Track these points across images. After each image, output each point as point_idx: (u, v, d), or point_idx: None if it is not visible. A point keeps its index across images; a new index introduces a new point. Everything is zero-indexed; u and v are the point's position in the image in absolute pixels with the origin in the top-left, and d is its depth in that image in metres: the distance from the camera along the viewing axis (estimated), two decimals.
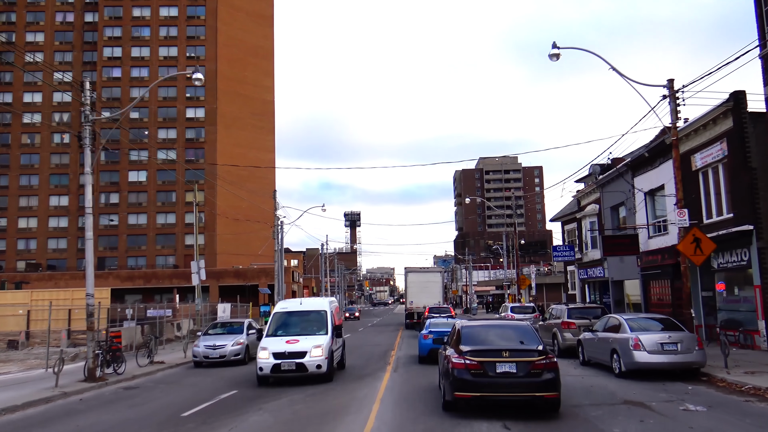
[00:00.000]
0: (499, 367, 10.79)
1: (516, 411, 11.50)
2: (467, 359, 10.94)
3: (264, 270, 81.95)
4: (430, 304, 42.57)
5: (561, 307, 22.98)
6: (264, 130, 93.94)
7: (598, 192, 34.99)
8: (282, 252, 44.35)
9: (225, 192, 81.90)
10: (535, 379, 10.72)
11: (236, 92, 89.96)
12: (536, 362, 10.80)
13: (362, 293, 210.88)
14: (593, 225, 35.97)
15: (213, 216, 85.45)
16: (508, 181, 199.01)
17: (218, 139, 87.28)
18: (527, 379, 10.73)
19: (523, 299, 44.16)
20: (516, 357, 10.89)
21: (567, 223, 44.64)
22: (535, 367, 10.77)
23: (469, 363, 10.87)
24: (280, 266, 43.54)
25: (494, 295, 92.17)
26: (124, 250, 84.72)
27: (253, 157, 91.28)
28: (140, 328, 32.49)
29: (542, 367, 10.79)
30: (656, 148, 26.13)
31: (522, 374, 10.75)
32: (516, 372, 10.77)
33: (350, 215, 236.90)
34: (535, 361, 10.81)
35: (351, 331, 45.14)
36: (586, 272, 37.20)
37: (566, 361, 19.78)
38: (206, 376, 19.41)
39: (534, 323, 33.55)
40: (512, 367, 10.79)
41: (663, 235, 26.70)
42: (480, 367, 10.82)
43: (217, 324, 23.82)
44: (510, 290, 68.59)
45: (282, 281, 43.61)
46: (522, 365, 10.78)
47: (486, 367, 10.81)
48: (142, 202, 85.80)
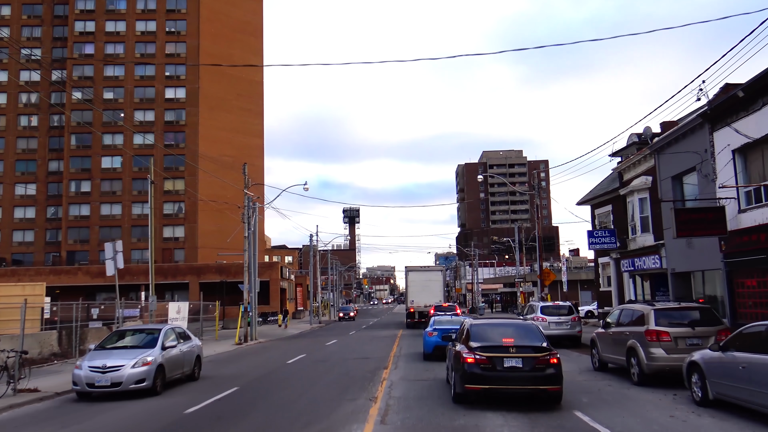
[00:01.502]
0: (507, 362, 11.32)
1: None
2: (477, 354, 11.46)
3: None
4: (431, 303, 42.09)
5: (638, 308, 15.22)
6: (252, 113, 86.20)
7: (652, 159, 27.28)
8: (255, 239, 36.71)
9: (208, 180, 74.37)
10: (539, 374, 11.24)
11: (220, 71, 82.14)
12: (540, 358, 11.32)
13: (361, 292, 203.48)
14: (643, 203, 28.26)
15: (194, 206, 77.83)
16: (513, 175, 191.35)
17: (201, 121, 79.59)
18: (532, 373, 11.24)
19: (549, 297, 36.50)
20: (522, 353, 11.41)
21: (599, 205, 36.95)
22: (540, 363, 11.29)
23: (479, 358, 11.41)
24: (251, 256, 35.89)
25: (503, 294, 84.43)
26: (96, 243, 76.96)
27: (240, 142, 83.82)
28: (57, 334, 24.96)
29: (546, 362, 11.32)
30: (760, 83, 18.40)
31: (527, 369, 11.27)
32: (522, 366, 11.29)
33: (349, 211, 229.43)
34: (540, 357, 11.32)
35: (339, 336, 37.58)
36: (632, 263, 29.47)
37: (657, 393, 12.32)
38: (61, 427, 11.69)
39: (573, 328, 25.92)
40: (518, 362, 11.31)
41: (764, 206, 19.00)
42: (489, 362, 11.34)
43: (124, 332, 16.10)
44: (523, 287, 60.93)
45: (254, 275, 35.98)
46: (527, 360, 11.31)
47: (494, 361, 11.33)
48: (117, 190, 78.14)
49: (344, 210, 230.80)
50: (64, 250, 76.64)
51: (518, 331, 12.45)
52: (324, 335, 39.95)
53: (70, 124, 76.99)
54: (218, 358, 24.30)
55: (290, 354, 24.49)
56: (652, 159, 27.27)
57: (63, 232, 76.98)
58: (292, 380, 16.38)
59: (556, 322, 25.16)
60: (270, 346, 30.80)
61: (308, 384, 15.56)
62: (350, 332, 42.89)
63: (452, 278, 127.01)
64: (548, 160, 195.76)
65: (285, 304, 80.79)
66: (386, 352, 24.75)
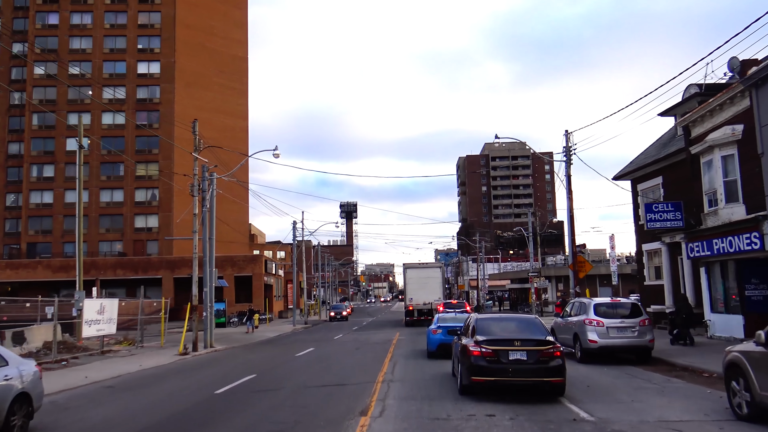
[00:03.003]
0: (512, 355, 11.51)
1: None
2: (483, 347, 11.64)
3: (230, 259, 66.68)
4: (430, 300, 41.61)
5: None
6: (235, 91, 78.38)
7: (745, 99, 19.59)
8: (211, 220, 29.02)
9: (186, 164, 66.60)
10: (543, 366, 11.43)
11: (200, 44, 74.39)
12: (544, 351, 11.52)
13: (358, 289, 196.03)
14: (728, 162, 20.56)
15: (169, 192, 70.14)
16: (517, 168, 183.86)
17: (176, 99, 71.80)
18: (536, 365, 11.43)
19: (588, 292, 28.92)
20: (526, 346, 11.60)
21: (644, 178, 29.38)
22: (544, 355, 11.48)
23: (485, 351, 11.58)
24: (206, 241, 28.19)
25: (511, 290, 76.71)
26: (59, 234, 69.28)
27: (221, 123, 76.03)
28: None
29: (549, 355, 11.49)
30: None
31: (532, 361, 11.46)
32: (526, 359, 11.48)
33: (346, 206, 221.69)
34: (544, 350, 11.53)
35: (320, 342, 30.02)
36: (708, 245, 21.77)
37: None
38: None
39: (642, 335, 18.08)
40: (523, 354, 11.50)
41: None
42: (494, 355, 11.53)
43: None
44: (538, 283, 53.29)
45: (211, 266, 28.31)
46: (532, 353, 11.50)
47: (500, 354, 11.53)
48: (84, 176, 70.17)
49: (341, 204, 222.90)
50: (24, 241, 68.84)
51: (522, 325, 12.72)
52: (302, 340, 32.33)
53: (31, 102, 69.16)
54: (124, 381, 16.62)
55: (233, 375, 16.81)
56: (746, 98, 19.57)
57: (23, 221, 69.19)
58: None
59: (617, 327, 17.46)
60: (219, 359, 23.15)
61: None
62: (336, 335, 35.24)
63: (453, 275, 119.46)
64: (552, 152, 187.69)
65: (271, 302, 73.15)
66: (374, 370, 17.06)
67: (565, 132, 28.93)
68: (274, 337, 35.99)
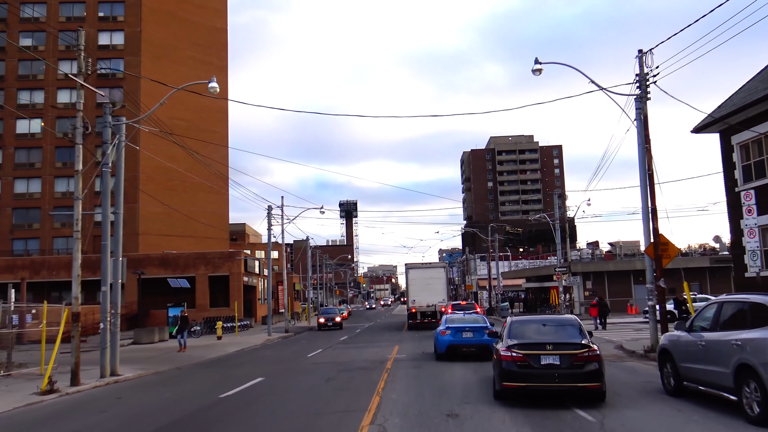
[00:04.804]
0: (544, 360, 11.04)
1: None
2: (514, 352, 11.23)
3: (204, 256, 57.33)
4: (434, 302, 40.61)
5: None
6: (212, 66, 68.92)
7: None
8: (118, 186, 19.92)
9: (153, 149, 57.38)
10: (578, 371, 10.90)
11: (170, 12, 65.21)
12: (579, 355, 11.00)
13: (359, 291, 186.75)
14: None
15: (134, 181, 60.88)
16: (524, 162, 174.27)
17: (143, 74, 62.56)
18: (571, 370, 10.92)
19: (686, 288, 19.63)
20: (559, 350, 11.09)
21: (743, 126, 20.07)
22: (578, 360, 10.96)
23: (516, 355, 11.18)
24: (106, 218, 19.02)
25: (528, 290, 67.31)
26: (8, 229, 60.09)
27: (196, 102, 66.63)
28: None
29: (585, 359, 10.96)
30: None
31: (565, 366, 10.95)
32: (560, 364, 10.98)
33: (346, 204, 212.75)
34: (578, 354, 11.00)
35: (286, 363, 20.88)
36: None
37: None
38: None
39: None
40: (556, 359, 11.03)
41: None
42: (526, 360, 11.09)
43: None
44: (567, 281, 43.97)
45: (117, 253, 19.21)
46: (565, 357, 10.99)
47: (531, 359, 11.07)
48: (35, 162, 61.13)
49: (341, 203, 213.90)
50: None
51: (558, 328, 12.13)
52: (258, 361, 23.07)
53: None
54: None
55: None
56: None
57: None
58: None
59: None
60: (97, 401, 13.98)
61: None
62: (313, 351, 25.91)
63: (459, 275, 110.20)
64: (561, 146, 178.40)
65: (254, 305, 63.78)
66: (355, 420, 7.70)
67: (639, 53, 19.58)
68: (224, 355, 26.47)
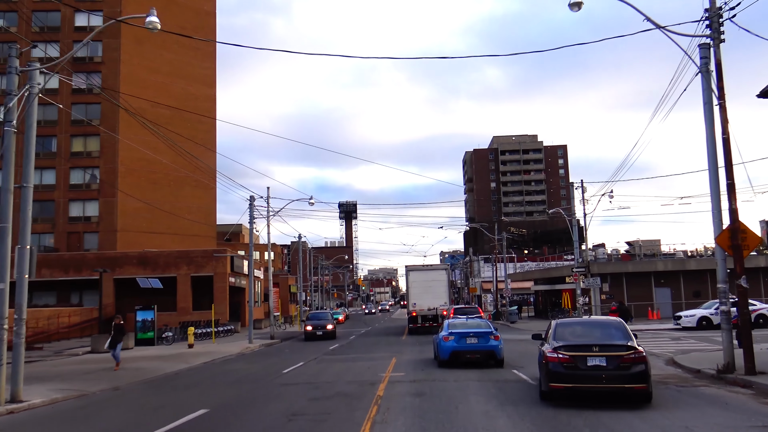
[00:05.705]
0: (590, 361, 11.26)
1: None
2: (560, 354, 11.45)
3: (186, 255, 52.65)
4: (435, 305, 39.51)
5: None
6: (200, 52, 64.56)
7: None
8: (28, 151, 15.26)
9: (135, 139, 52.80)
10: (624, 372, 11.11)
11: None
12: (626, 356, 11.20)
13: (358, 294, 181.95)
14: None
15: (113, 174, 56.34)
16: (528, 162, 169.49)
17: (123, 59, 58.13)
18: (617, 371, 11.13)
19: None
20: (606, 351, 11.30)
21: None
22: (625, 361, 11.14)
23: (562, 357, 11.40)
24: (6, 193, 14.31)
25: (538, 293, 62.60)
26: None
27: (182, 90, 62.35)
28: None
29: (631, 360, 11.15)
30: None
31: (612, 367, 11.17)
32: (606, 365, 11.19)
33: (345, 205, 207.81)
34: (624, 355, 11.20)
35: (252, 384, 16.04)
36: None
37: None
38: None
39: None
40: (602, 360, 11.22)
41: None
42: (572, 361, 11.32)
43: None
44: (585, 282, 39.26)
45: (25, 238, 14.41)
46: (612, 359, 11.20)
47: (577, 360, 11.31)
48: None
49: (340, 204, 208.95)
50: None
51: (603, 330, 12.38)
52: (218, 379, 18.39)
53: None
54: None
55: None
56: None
57: None
58: None
59: None
60: None
61: None
62: (293, 366, 21.18)
63: (462, 277, 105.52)
64: (566, 145, 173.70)
65: (242, 309, 59.02)
66: None
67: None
68: (183, 369, 21.47)
